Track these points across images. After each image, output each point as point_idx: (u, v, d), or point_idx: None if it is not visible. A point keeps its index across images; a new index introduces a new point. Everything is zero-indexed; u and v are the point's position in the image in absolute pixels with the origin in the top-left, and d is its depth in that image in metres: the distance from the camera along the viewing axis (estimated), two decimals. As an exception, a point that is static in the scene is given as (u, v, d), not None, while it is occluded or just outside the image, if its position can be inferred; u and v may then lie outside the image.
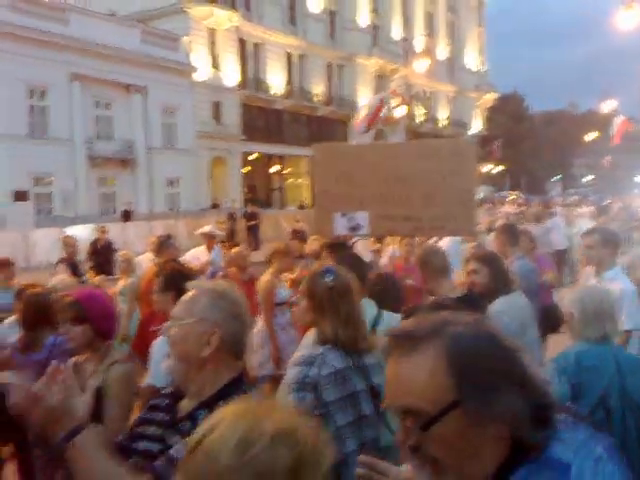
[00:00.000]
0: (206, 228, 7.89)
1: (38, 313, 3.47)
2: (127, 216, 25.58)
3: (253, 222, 23.78)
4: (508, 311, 3.49)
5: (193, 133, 34.38)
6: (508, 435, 1.03)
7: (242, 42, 37.50)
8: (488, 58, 64.45)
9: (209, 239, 7.46)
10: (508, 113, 65.53)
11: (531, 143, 65.97)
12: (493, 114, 62.31)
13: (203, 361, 1.81)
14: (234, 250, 6.82)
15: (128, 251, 7.28)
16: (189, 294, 1.94)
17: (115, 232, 17.72)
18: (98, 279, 7.40)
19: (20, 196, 26.41)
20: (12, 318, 4.00)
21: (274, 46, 39.67)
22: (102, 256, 12.19)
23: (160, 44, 32.51)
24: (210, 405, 1.72)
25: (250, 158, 38.90)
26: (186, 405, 1.84)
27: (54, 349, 3.35)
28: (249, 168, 39.04)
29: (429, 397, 1.02)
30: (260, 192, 40.63)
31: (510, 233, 5.39)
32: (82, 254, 10.84)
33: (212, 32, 35.45)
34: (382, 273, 3.80)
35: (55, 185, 28.95)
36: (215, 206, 33.37)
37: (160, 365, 3.21)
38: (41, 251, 17.88)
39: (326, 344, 2.51)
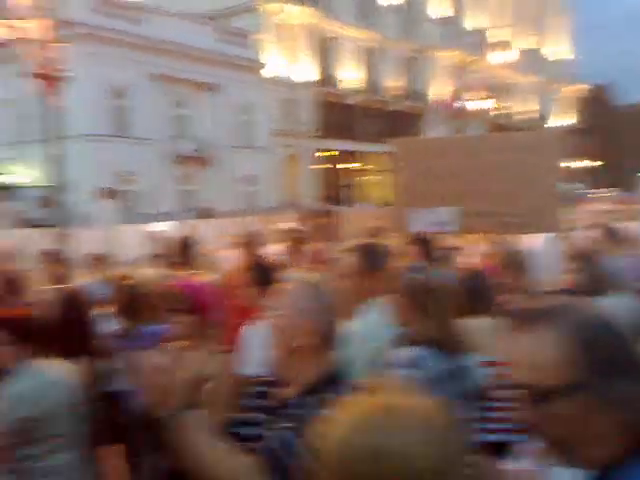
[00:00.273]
0: (285, 225, 8.02)
1: (137, 303, 3.65)
2: (206, 213, 26.28)
3: (326, 219, 23.86)
4: (615, 312, 3.36)
5: (268, 131, 34.91)
6: (628, 423, 1.03)
7: (314, 37, 37.66)
8: (578, 47, 61.64)
9: (289, 236, 7.57)
10: (601, 105, 62.41)
11: (627, 137, 62.53)
12: (585, 106, 59.50)
13: (302, 350, 1.88)
14: (314, 246, 6.92)
15: (209, 247, 7.50)
16: (287, 286, 2.02)
17: (195, 229, 18.22)
18: (184, 274, 7.64)
19: (105, 194, 27.65)
20: (110, 309, 4.20)
21: (347, 40, 39.64)
22: (184, 252, 12.57)
23: (233, 42, 33.12)
24: (315, 392, 1.80)
25: (324, 155, 39.10)
26: (287, 392, 1.91)
27: (153, 338, 3.53)
28: (323, 165, 39.25)
29: (555, 374, 1.04)
30: (334, 189, 40.77)
31: (611, 231, 5.22)
32: (166, 250, 11.22)
33: (284, 28, 35.79)
34: (473, 270, 3.76)
35: (138, 183, 30.10)
36: (291, 204, 33.79)
37: (253, 354, 3.34)
38: (125, 247, 18.62)
39: (422, 345, 2.45)
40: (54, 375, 2.76)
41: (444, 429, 1.00)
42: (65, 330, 2.89)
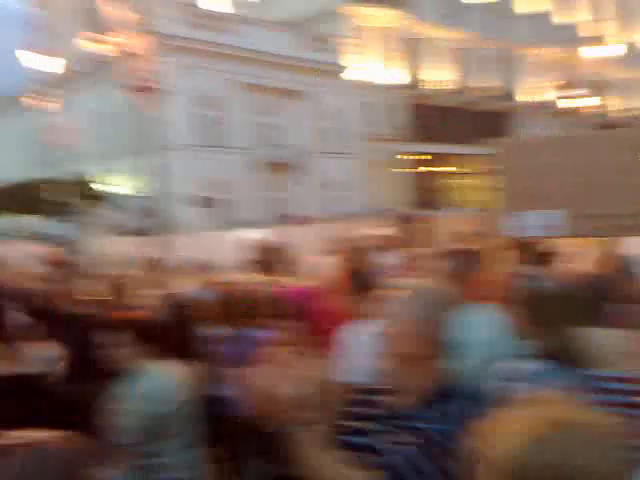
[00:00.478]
0: (376, 231, 7.96)
1: (239, 309, 3.69)
2: (296, 220, 26.62)
3: (419, 224, 23.55)
4: None
5: (355, 135, 34.99)
6: None
7: (401, 39, 37.36)
8: None
9: (385, 241, 7.52)
10: None
11: None
12: None
13: (414, 359, 1.82)
14: (408, 252, 6.80)
15: (301, 254, 7.52)
16: (397, 293, 1.96)
17: (285, 236, 18.47)
18: (280, 281, 7.73)
19: (200, 202, 28.69)
20: (211, 314, 4.24)
21: (434, 41, 39.06)
22: (276, 259, 12.75)
23: (317, 47, 33.49)
24: (433, 404, 1.73)
25: (414, 158, 38.65)
26: (397, 401, 1.86)
27: (257, 343, 3.57)
28: (413, 169, 38.80)
29: None
30: (426, 193, 40.16)
31: None
32: (259, 256, 11.41)
33: (368, 31, 35.70)
34: (586, 276, 3.56)
35: (231, 191, 31.01)
36: (380, 209, 33.66)
37: (354, 361, 3.29)
38: (220, 254, 19.10)
39: (541, 357, 2.33)
40: (172, 376, 2.87)
41: (616, 444, 0.99)
42: (173, 333, 2.97)
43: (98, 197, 26.36)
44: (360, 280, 3.65)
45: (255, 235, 18.38)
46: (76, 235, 19.45)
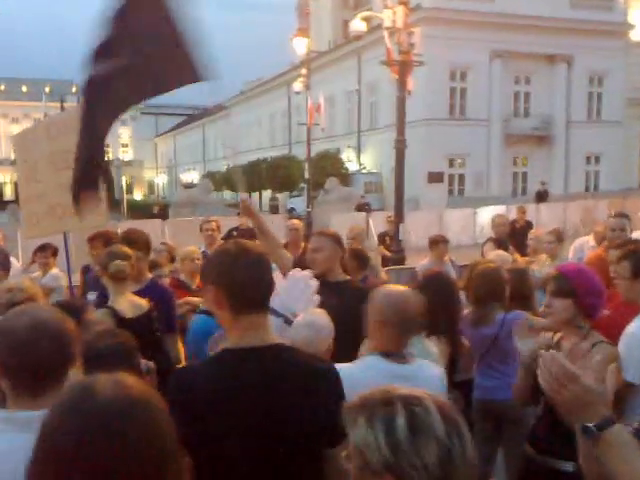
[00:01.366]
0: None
1: (490, 288, 3.38)
2: (541, 197, 24.83)
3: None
4: None
5: (622, 102, 31.44)
6: None
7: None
8: None
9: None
10: None
11: None
12: None
13: None
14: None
15: (546, 232, 6.85)
16: None
17: (528, 213, 17.36)
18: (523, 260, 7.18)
19: (434, 178, 28.28)
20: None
21: None
22: (519, 237, 11.97)
23: (591, 6, 30.25)
24: None
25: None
26: None
27: (504, 325, 3.29)
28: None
29: None
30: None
31: None
32: (500, 234, 10.79)
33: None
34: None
35: (468, 166, 30.10)
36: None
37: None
38: (453, 231, 18.62)
39: None
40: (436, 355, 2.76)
41: None
42: (437, 311, 2.84)
43: (335, 173, 27.47)
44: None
45: (487, 213, 17.60)
46: (308, 209, 20.47)
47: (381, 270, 6.15)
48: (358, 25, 12.82)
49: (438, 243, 6.31)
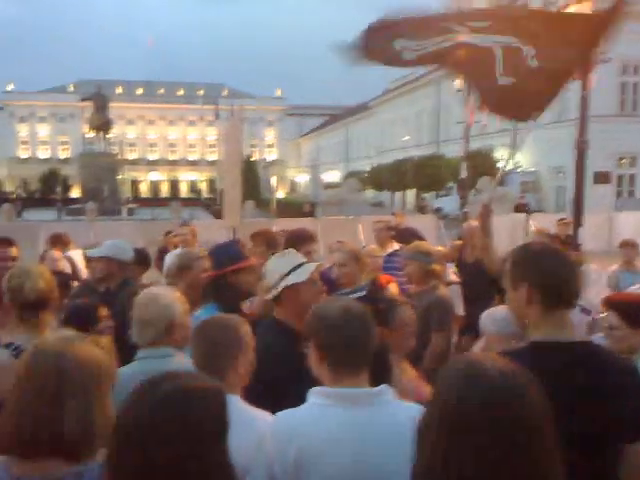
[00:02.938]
0: None
1: None
2: None
3: None
4: None
5: None
6: None
7: None
8: None
9: None
10: None
11: None
12: None
13: None
14: None
15: None
16: None
17: None
18: None
19: (601, 178, 26.01)
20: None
21: None
22: None
23: None
24: None
25: None
26: None
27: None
28: None
29: None
30: None
31: None
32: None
33: None
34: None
35: (639, 166, 27.47)
36: None
37: None
38: (625, 236, 16.91)
39: None
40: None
41: None
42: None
43: (489, 172, 26.16)
44: None
45: None
46: (457, 209, 19.45)
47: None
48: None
49: (629, 247, 6.11)
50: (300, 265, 2.64)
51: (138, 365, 2.38)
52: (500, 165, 29.89)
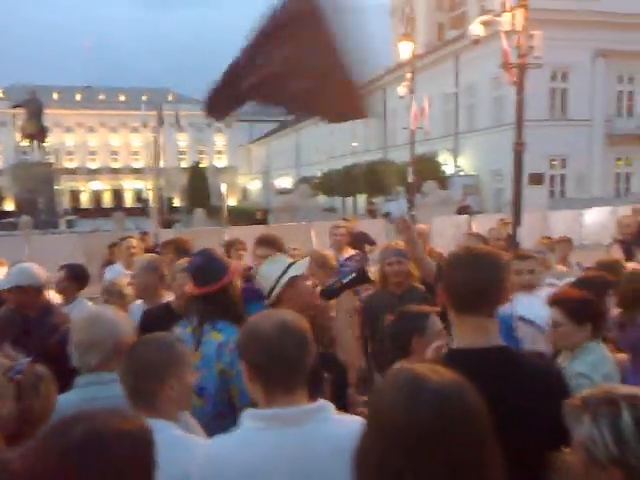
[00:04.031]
0: None
1: (636, 291, 3.38)
2: (645, 197, 23.78)
3: None
4: None
5: None
6: None
7: None
8: None
9: None
10: None
11: None
12: None
13: None
14: None
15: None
16: None
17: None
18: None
19: (535, 179, 27.60)
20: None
21: None
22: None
23: None
24: None
25: None
26: None
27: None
28: None
29: None
30: None
31: None
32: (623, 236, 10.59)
33: None
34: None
35: (569, 167, 29.23)
36: None
37: None
38: (558, 233, 18.06)
39: None
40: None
41: None
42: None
43: (432, 176, 27.38)
44: None
45: (591, 215, 16.90)
46: (406, 212, 20.44)
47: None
48: (477, 30, 13.04)
49: (563, 243, 6.17)
50: (290, 265, 2.78)
51: (80, 392, 2.17)
52: (442, 169, 31.32)
